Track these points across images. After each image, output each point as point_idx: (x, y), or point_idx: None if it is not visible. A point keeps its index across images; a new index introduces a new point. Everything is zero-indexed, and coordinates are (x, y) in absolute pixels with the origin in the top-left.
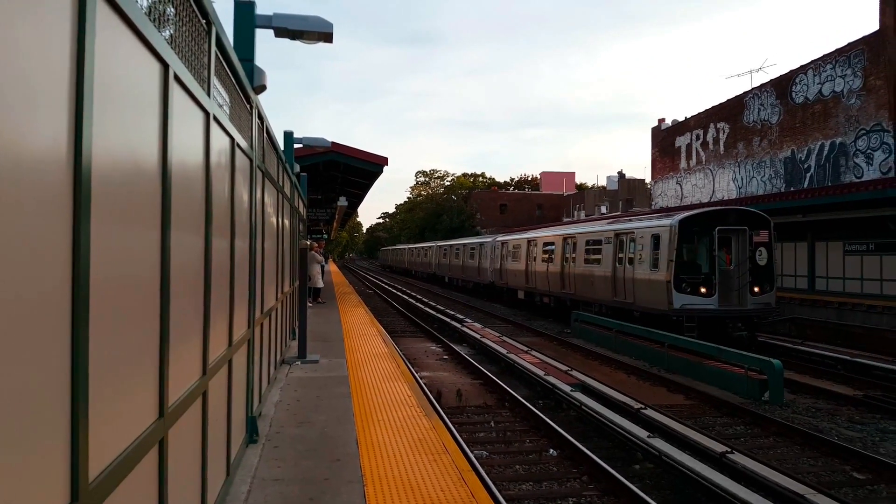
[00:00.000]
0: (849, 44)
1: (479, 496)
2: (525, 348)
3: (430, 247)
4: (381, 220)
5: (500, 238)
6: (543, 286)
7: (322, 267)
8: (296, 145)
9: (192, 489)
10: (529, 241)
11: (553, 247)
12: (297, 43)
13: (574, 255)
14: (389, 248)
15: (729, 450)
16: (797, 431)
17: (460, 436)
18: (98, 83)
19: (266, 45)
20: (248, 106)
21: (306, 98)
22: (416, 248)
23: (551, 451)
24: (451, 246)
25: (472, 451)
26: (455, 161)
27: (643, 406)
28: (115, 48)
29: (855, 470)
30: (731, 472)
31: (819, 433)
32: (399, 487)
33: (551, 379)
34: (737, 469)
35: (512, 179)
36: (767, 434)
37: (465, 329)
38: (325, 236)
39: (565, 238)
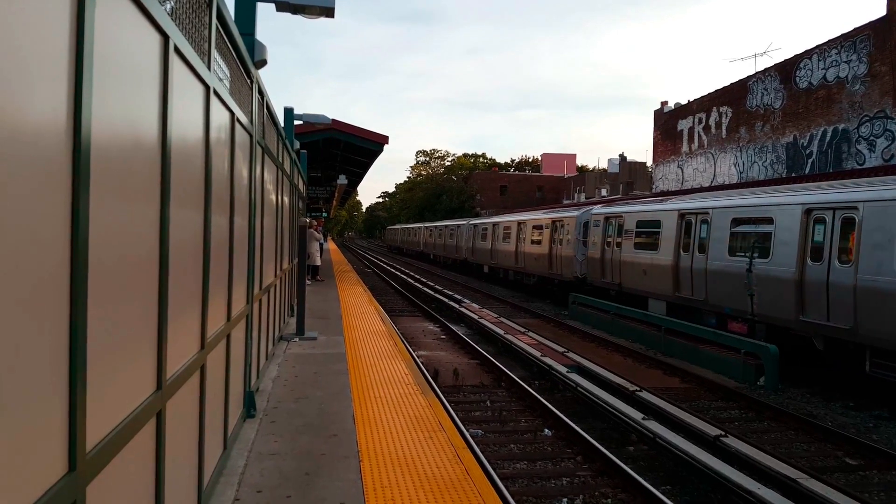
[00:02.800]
0: (855, 29)
1: (473, 474)
2: (522, 329)
3: (457, 225)
4: (380, 200)
5: (599, 210)
6: (734, 300)
7: (321, 245)
8: (296, 122)
9: (189, 461)
10: (684, 216)
11: (770, 227)
12: (298, 18)
13: (845, 252)
14: (399, 226)
15: (723, 433)
16: (791, 416)
17: (456, 414)
18: (98, 54)
19: (267, 22)
20: (248, 81)
21: (306, 75)
22: (436, 227)
23: (546, 431)
24: (494, 224)
25: (467, 430)
26: (455, 142)
27: (638, 388)
28: (115, 19)
29: (847, 455)
30: (725, 456)
31: (813, 419)
32: (395, 463)
33: (548, 360)
34: (730, 452)
35: (512, 160)
36: (762, 419)
37: (462, 309)
38: (325, 214)
39: (811, 210)
